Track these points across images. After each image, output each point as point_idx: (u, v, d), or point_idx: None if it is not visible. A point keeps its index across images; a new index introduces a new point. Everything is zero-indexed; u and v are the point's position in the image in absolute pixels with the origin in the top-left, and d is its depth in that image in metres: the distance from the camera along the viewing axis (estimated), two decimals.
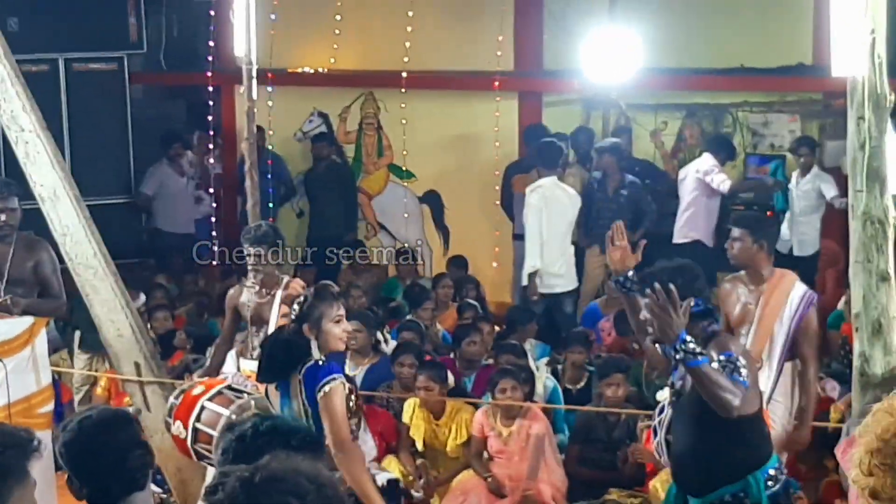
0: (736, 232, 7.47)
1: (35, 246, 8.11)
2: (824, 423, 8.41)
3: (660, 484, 7.63)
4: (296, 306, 6.15)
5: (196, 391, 6.67)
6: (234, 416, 6.43)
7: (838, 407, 8.54)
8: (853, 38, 5.06)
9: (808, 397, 7.45)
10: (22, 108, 8.07)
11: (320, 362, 6.02)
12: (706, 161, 11.76)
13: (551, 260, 11.29)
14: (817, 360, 7.66)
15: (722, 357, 5.40)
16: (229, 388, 6.77)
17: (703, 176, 11.65)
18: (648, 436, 7.55)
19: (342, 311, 6.12)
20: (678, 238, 11.76)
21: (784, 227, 11.52)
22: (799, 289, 7.44)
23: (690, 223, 11.73)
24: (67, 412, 9.80)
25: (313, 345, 6.04)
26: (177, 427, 6.44)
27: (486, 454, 8.71)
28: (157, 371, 8.23)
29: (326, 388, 5.91)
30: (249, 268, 8.27)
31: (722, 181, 11.56)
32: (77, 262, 8.18)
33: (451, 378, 9.14)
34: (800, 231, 11.74)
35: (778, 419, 7.21)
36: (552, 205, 11.24)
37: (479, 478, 8.60)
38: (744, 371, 5.39)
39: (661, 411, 6.21)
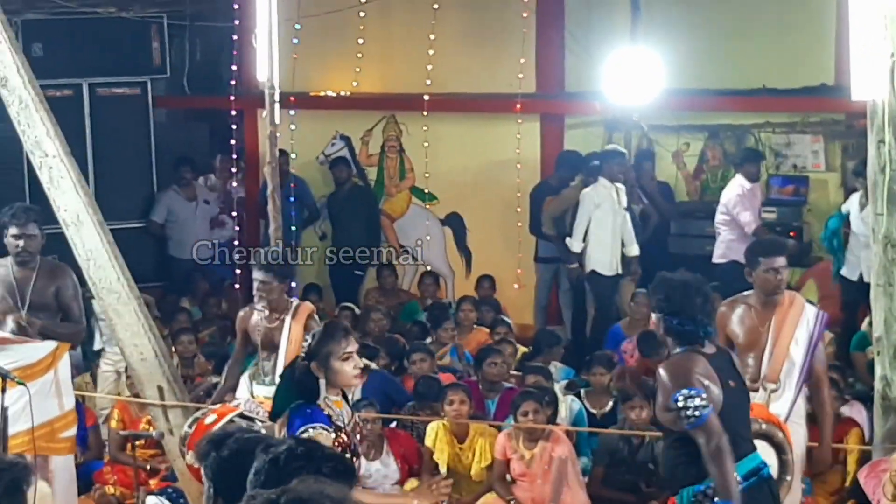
0: (782, 261, 7.43)
1: (57, 272, 8.16)
2: (846, 445, 8.39)
3: None
4: (306, 343, 6.04)
5: (208, 420, 6.68)
6: None
7: (857, 432, 8.50)
8: (873, 61, 5.05)
9: (825, 416, 7.46)
10: (46, 134, 8.13)
11: (308, 408, 5.84)
12: (734, 188, 11.69)
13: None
14: (829, 378, 7.71)
15: (680, 396, 5.61)
16: (241, 415, 6.78)
17: (730, 208, 11.57)
18: None
19: (352, 348, 5.93)
20: (717, 258, 11.70)
21: (849, 255, 11.21)
22: (811, 309, 7.48)
23: (727, 244, 11.63)
24: (91, 436, 9.83)
25: (322, 383, 5.88)
26: (191, 457, 6.42)
27: (508, 477, 8.71)
28: (179, 394, 8.25)
29: (310, 433, 5.71)
30: (255, 292, 8.24)
31: (748, 223, 11.47)
32: (100, 286, 8.22)
33: None
34: (868, 257, 11.28)
35: (799, 441, 7.17)
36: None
37: (502, 501, 8.60)
38: (704, 401, 5.58)
39: None
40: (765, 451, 5.93)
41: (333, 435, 5.78)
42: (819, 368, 7.42)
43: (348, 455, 5.85)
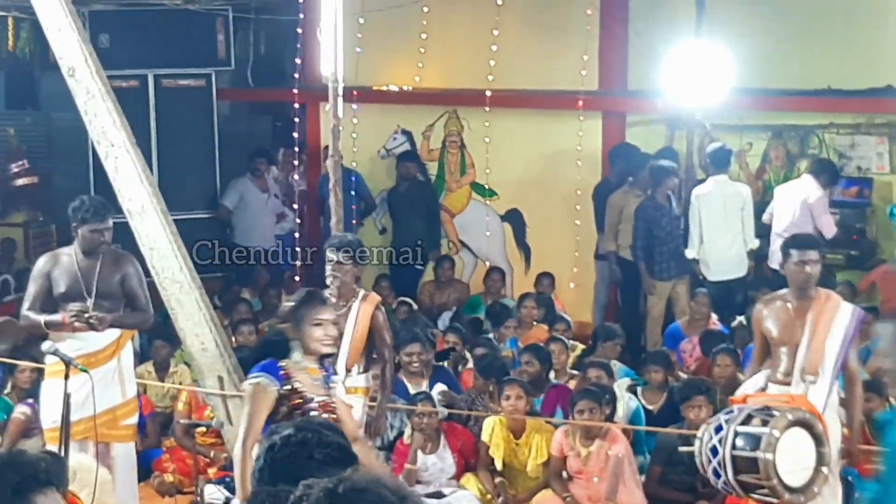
0: (814, 255, 7.51)
1: (121, 259, 8.16)
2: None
3: None
4: (283, 309, 6.46)
5: None
6: None
7: None
8: None
9: (854, 412, 7.54)
10: (112, 124, 8.23)
11: (266, 361, 6.24)
12: (813, 189, 11.58)
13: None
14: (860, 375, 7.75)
15: None
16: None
17: (815, 213, 11.43)
18: None
19: (325, 316, 6.27)
20: (775, 263, 11.53)
21: None
22: (847, 306, 7.53)
23: None
24: (149, 424, 9.93)
25: (294, 345, 6.25)
26: None
27: (565, 474, 8.70)
28: (239, 385, 8.30)
29: (247, 383, 6.23)
30: (328, 274, 7.98)
31: (828, 224, 11.41)
32: (163, 276, 8.31)
33: None
34: None
35: (835, 436, 7.17)
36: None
37: (558, 497, 8.59)
38: None
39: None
40: (804, 442, 5.91)
41: (276, 390, 6.09)
42: (852, 366, 7.48)
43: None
